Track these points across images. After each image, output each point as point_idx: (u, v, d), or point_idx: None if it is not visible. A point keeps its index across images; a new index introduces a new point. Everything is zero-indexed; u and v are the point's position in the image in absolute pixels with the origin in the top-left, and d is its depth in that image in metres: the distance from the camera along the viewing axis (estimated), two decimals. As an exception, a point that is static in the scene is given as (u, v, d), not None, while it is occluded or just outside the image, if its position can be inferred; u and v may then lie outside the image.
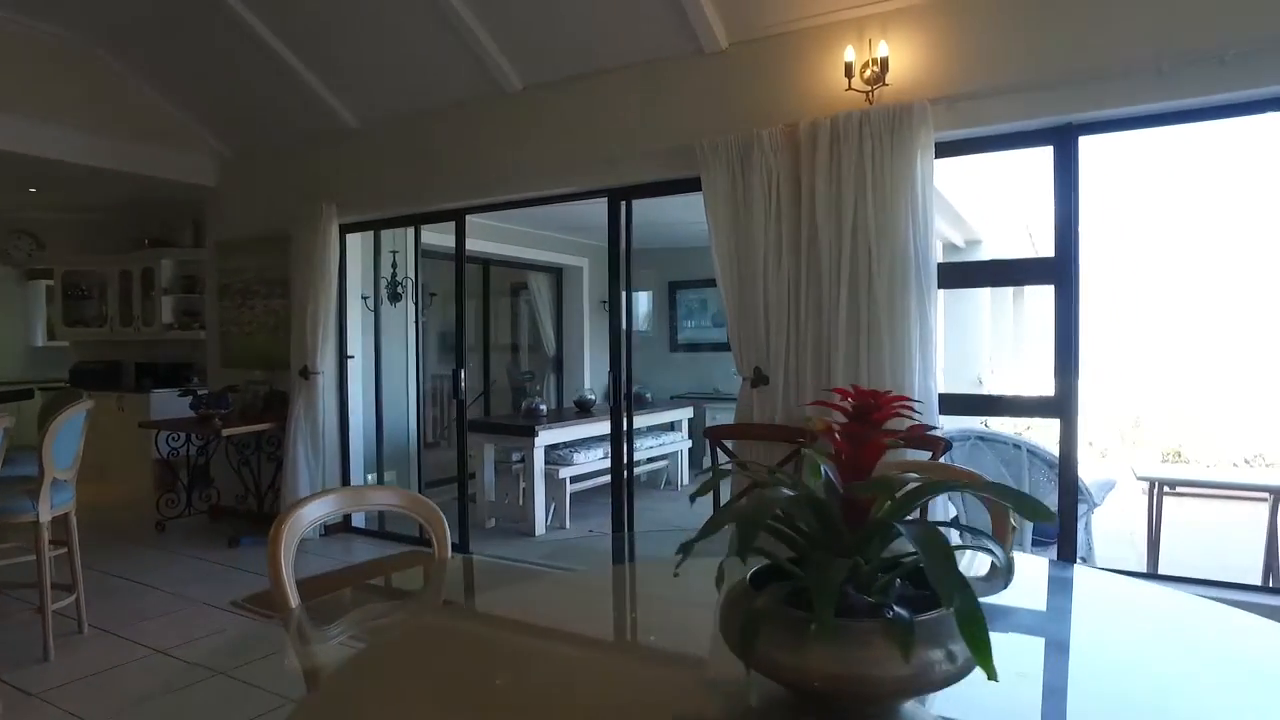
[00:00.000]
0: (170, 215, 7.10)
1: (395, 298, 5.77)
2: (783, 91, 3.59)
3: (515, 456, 5.82)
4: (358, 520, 5.46)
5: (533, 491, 5.42)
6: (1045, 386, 3.51)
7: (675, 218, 6.92)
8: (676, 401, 7.78)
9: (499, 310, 8.97)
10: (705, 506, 5.83)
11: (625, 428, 4.28)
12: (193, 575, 4.42)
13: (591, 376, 8.70)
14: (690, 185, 3.85)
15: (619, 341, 4.27)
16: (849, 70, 3.31)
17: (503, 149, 4.47)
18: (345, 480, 5.42)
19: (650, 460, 6.86)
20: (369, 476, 5.64)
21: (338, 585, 1.91)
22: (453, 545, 4.69)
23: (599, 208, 4.19)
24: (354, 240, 5.37)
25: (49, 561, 3.27)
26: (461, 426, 4.95)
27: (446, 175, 4.69)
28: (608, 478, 6.24)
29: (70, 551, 3.48)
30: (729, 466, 1.19)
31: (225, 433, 4.87)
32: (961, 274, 3.31)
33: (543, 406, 6.00)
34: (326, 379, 5.20)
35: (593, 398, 6.56)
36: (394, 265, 5.71)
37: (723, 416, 8.08)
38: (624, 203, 4.17)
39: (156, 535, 5.29)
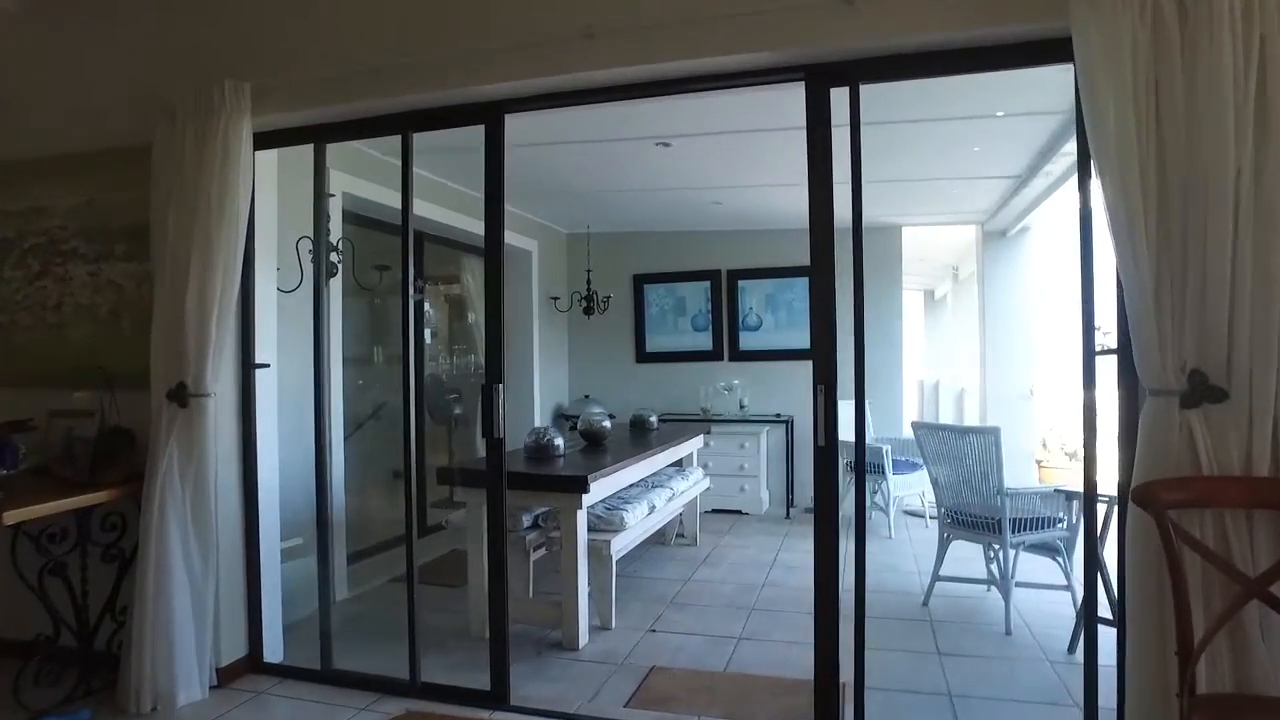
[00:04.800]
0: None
1: (331, 271, 3.55)
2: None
3: (525, 521, 3.76)
4: (272, 651, 3.16)
5: (575, 578, 3.42)
6: None
7: (637, 184, 5.22)
8: (679, 426, 5.96)
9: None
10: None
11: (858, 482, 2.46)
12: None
13: (543, 396, 6.71)
14: (1013, 55, 2.17)
15: (829, 340, 2.45)
16: None
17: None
18: (253, 583, 3.11)
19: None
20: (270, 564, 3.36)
21: None
22: (485, 692, 2.44)
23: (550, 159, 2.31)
24: (262, 162, 3.10)
25: None
26: (499, 483, 2.85)
27: (472, 37, 2.64)
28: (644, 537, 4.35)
29: None
30: None
31: (11, 518, 2.43)
32: None
33: (559, 441, 3.99)
34: (221, 404, 2.91)
35: (606, 425, 4.61)
36: (327, 210, 3.48)
37: (720, 445, 6.40)
38: (845, 90, 2.39)
39: None
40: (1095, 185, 2.02)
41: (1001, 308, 6.21)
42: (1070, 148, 3.83)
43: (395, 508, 4.47)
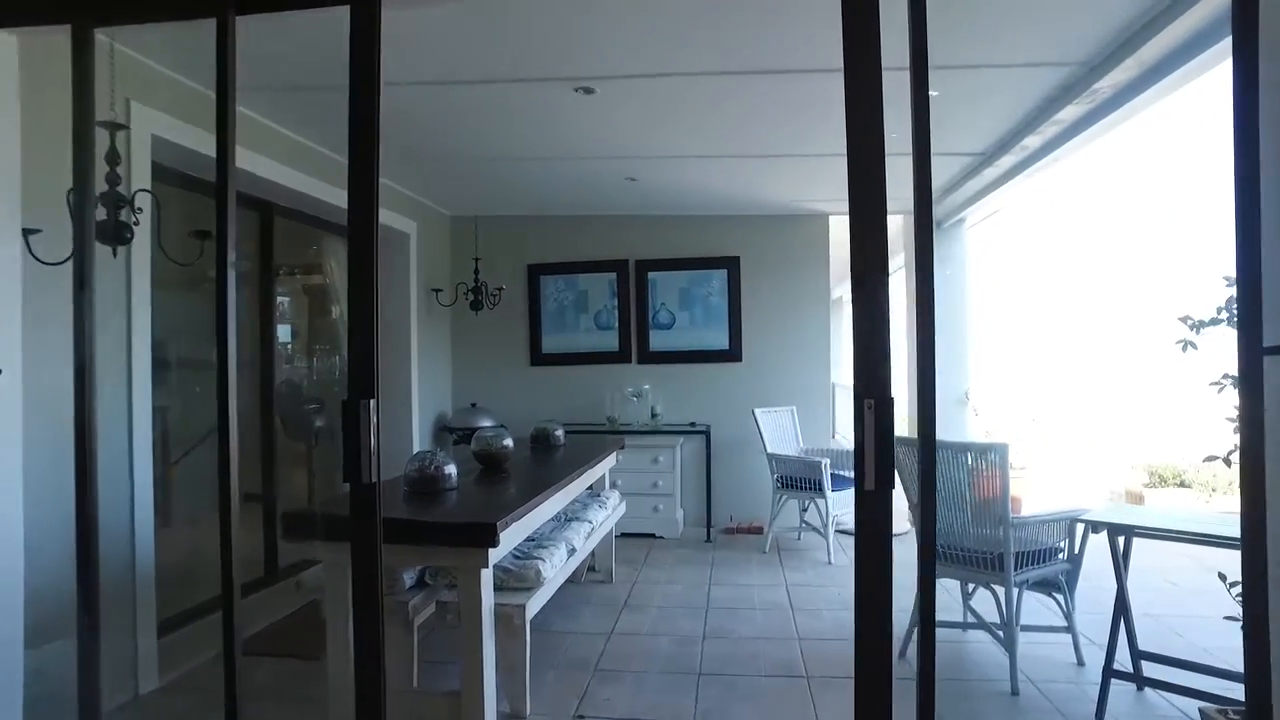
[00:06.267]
0: None
1: (121, 235, 2.45)
2: None
3: (407, 579, 2.80)
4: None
5: (479, 660, 2.50)
6: None
7: (542, 150, 4.40)
8: (588, 442, 5.10)
9: (251, 299, 5.51)
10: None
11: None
12: None
13: (422, 406, 5.68)
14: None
15: (880, 336, 1.71)
16: None
17: None
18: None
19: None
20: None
21: None
22: None
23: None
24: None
25: None
26: (372, 546, 1.88)
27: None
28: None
29: None
30: None
31: None
32: None
33: (450, 470, 3.05)
34: (-95, 435, 1.81)
35: (508, 445, 3.69)
36: (115, 147, 2.39)
37: (630, 459, 5.59)
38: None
39: None
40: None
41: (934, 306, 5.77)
42: (1061, 116, 3.32)
43: (241, 544, 3.36)
